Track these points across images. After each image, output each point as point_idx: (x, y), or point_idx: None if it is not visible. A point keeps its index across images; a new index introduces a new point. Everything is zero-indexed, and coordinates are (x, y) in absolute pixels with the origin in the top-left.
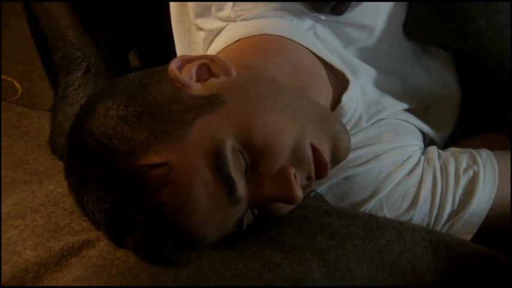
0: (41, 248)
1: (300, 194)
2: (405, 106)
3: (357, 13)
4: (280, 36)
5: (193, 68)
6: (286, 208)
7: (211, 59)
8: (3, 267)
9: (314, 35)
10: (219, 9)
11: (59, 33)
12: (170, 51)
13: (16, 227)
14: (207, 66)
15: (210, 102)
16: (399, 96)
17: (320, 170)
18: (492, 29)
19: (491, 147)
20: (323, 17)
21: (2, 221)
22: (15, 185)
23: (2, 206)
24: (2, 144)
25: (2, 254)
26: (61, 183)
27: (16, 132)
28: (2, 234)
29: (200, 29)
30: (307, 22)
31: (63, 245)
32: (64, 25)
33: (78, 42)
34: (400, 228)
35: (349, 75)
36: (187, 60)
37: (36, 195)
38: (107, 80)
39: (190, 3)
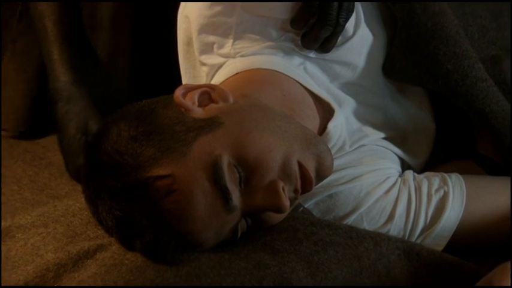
0: (61, 251)
1: (287, 204)
2: (385, 135)
3: (342, 52)
4: (273, 70)
5: (195, 95)
6: (277, 218)
7: (212, 87)
8: (27, 267)
9: (304, 70)
10: (220, 47)
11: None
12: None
13: (39, 234)
14: (208, 94)
15: (210, 124)
16: (379, 127)
17: (306, 184)
18: (458, 72)
19: (462, 172)
20: (311, 55)
21: (27, 229)
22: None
23: (28, 217)
24: (29, 173)
25: (27, 257)
26: (79, 200)
27: (41, 162)
28: (27, 240)
29: (203, 64)
30: (298, 59)
31: (80, 248)
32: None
33: (65, 77)
34: (377, 238)
35: (334, 105)
36: (191, 88)
37: (57, 209)
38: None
39: (195, 43)
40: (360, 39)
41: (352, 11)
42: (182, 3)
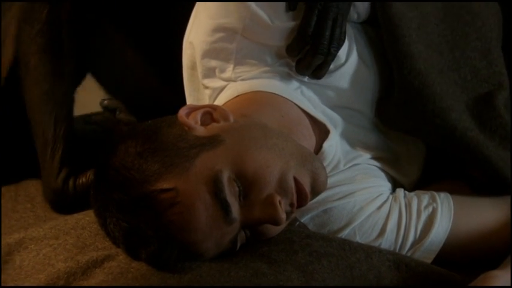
0: (71, 261)
1: (283, 216)
2: (377, 155)
3: (335, 78)
4: (272, 93)
5: (198, 114)
6: (274, 231)
7: (213, 107)
8: (39, 275)
9: (301, 93)
10: (222, 72)
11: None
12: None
13: (51, 245)
14: (210, 113)
15: (211, 141)
16: (372, 148)
17: (301, 199)
18: (447, 126)
19: (451, 191)
20: (306, 80)
21: (40, 241)
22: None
23: (40, 230)
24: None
25: (39, 266)
26: (88, 214)
27: None
28: (39, 251)
29: (207, 87)
30: (295, 83)
31: (89, 258)
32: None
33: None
34: (368, 250)
35: (329, 126)
36: (194, 108)
37: (67, 222)
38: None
39: (199, 67)
40: (352, 66)
41: (344, 41)
42: (187, 30)
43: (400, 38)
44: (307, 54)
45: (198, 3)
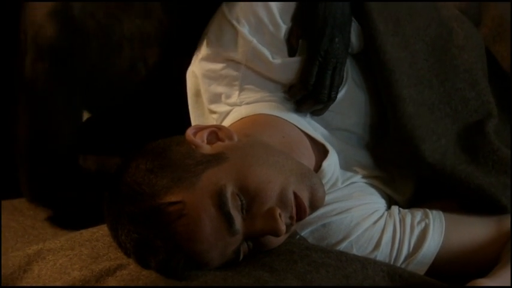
0: (85, 269)
1: (283, 228)
2: (374, 174)
3: (333, 104)
4: (274, 115)
5: (204, 134)
6: (275, 243)
7: (219, 127)
8: (56, 283)
9: (302, 116)
10: (228, 97)
11: None
12: None
13: (67, 255)
14: (215, 133)
15: (216, 159)
16: (369, 167)
17: (300, 212)
18: (439, 164)
19: (443, 208)
20: None
21: (56, 252)
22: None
23: (57, 242)
24: None
25: (56, 275)
26: (102, 228)
27: None
28: (56, 261)
29: (213, 112)
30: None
31: (102, 267)
32: None
33: None
34: (364, 262)
35: (328, 147)
36: (200, 128)
37: (83, 235)
38: None
39: (204, 94)
40: (348, 91)
41: (342, 80)
42: (192, 62)
43: (394, 83)
44: (308, 100)
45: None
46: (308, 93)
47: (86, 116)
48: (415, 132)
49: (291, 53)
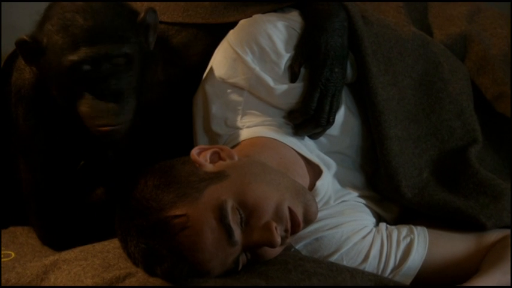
0: (97, 277)
1: (279, 240)
2: (364, 194)
3: (331, 127)
4: (272, 138)
5: (208, 154)
6: (271, 254)
7: (221, 148)
8: None
9: (298, 139)
10: (231, 121)
11: None
12: None
13: (80, 265)
14: (218, 153)
15: (218, 176)
16: (360, 187)
17: (295, 226)
18: (417, 197)
19: (427, 225)
20: None
21: (71, 262)
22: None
23: (71, 253)
24: None
25: (70, 283)
26: (113, 241)
27: None
28: (70, 270)
29: (217, 134)
30: (292, 131)
31: (113, 275)
32: None
33: None
34: (353, 272)
35: (322, 167)
36: (204, 149)
37: (95, 247)
38: None
39: (208, 118)
40: (342, 116)
41: (339, 108)
42: (199, 87)
43: (382, 122)
44: (308, 125)
45: (209, 67)
46: (309, 117)
47: None
48: (399, 169)
49: (293, 79)
